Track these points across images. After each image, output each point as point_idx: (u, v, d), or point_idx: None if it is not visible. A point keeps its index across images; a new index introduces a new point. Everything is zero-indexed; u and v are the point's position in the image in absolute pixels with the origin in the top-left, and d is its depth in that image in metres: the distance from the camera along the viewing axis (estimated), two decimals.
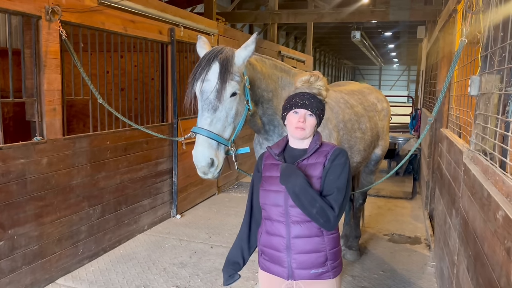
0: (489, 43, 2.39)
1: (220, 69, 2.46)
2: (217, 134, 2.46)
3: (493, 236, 1.75)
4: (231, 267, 2.33)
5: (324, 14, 10.72)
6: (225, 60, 2.48)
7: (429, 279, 4.18)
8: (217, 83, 2.45)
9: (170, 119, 5.76)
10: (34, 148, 3.65)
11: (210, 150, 2.43)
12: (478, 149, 2.44)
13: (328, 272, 2.09)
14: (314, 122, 2.08)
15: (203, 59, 2.52)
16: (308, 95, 2.07)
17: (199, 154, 2.42)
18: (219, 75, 2.45)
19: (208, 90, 2.47)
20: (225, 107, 2.49)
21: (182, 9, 6.12)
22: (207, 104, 2.48)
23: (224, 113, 2.50)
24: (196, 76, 2.50)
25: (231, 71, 2.48)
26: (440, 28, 5.85)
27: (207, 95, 2.47)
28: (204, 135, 2.43)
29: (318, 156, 2.09)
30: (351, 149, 3.69)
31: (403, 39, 28.40)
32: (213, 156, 2.43)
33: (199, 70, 2.50)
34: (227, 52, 2.53)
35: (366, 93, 4.40)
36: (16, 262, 3.56)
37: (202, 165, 2.43)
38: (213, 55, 2.50)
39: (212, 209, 6.39)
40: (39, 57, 3.68)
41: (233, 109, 2.54)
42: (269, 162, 2.20)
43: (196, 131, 2.47)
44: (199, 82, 2.49)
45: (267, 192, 2.12)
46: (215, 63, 2.48)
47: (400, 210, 6.58)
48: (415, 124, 10.94)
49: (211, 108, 2.47)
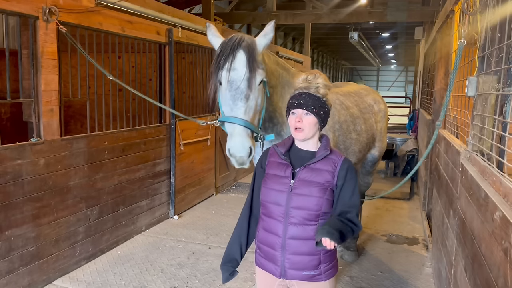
0: (486, 44, 2.40)
1: (247, 57, 2.44)
2: (251, 123, 2.46)
3: (491, 236, 1.76)
4: (230, 264, 2.30)
5: (322, 15, 10.73)
6: (250, 48, 2.47)
7: (427, 279, 4.18)
8: (246, 72, 2.43)
9: (168, 120, 5.75)
10: (31, 149, 3.63)
11: (249, 140, 2.42)
12: (476, 150, 2.44)
13: (320, 275, 2.09)
14: (313, 120, 2.06)
15: (225, 48, 2.49)
16: (304, 94, 2.06)
17: (238, 144, 2.39)
18: (247, 64, 2.44)
19: (237, 79, 2.45)
20: (254, 95, 2.49)
21: (180, 10, 6.12)
22: (239, 93, 2.46)
23: (254, 102, 2.50)
24: (221, 65, 2.47)
25: (257, 59, 2.49)
26: (438, 29, 5.86)
27: (237, 84, 2.45)
28: (242, 124, 2.42)
29: (326, 163, 2.09)
30: (347, 150, 3.70)
31: (401, 40, 28.46)
32: (251, 145, 2.43)
33: (222, 59, 2.46)
34: (249, 40, 2.52)
35: (363, 95, 4.40)
36: (13, 263, 3.55)
37: (241, 155, 2.40)
38: (235, 43, 2.48)
39: (210, 210, 6.39)
40: (37, 57, 3.66)
41: (260, 96, 2.55)
42: (273, 160, 2.19)
43: (232, 120, 2.44)
44: (224, 72, 2.47)
45: (270, 190, 2.12)
46: (240, 52, 2.46)
47: (398, 210, 6.59)
48: (413, 125, 10.94)
49: (244, 97, 2.45)
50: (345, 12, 10.43)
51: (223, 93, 2.53)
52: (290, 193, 2.06)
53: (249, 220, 2.30)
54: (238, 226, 2.33)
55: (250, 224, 2.30)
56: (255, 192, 2.28)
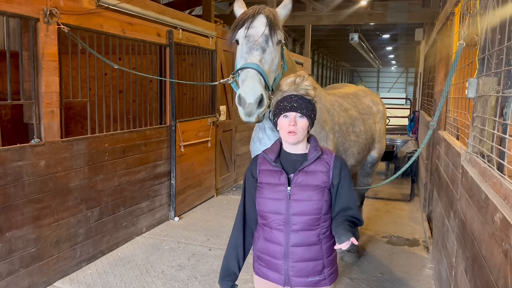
0: (487, 45, 2.40)
1: (267, 18, 2.46)
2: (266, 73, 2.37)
3: (491, 238, 1.76)
4: (229, 278, 2.20)
5: (322, 16, 10.75)
6: (270, 13, 2.50)
7: (427, 281, 4.18)
8: (265, 29, 2.43)
9: (168, 121, 5.75)
10: (31, 151, 3.64)
11: (261, 87, 2.24)
12: (476, 152, 2.44)
13: (324, 280, 2.09)
14: (306, 123, 2.04)
15: (245, 13, 2.51)
16: (296, 97, 2.02)
17: (249, 88, 2.21)
18: (266, 23, 2.45)
19: (255, 34, 2.44)
20: (271, 51, 2.45)
21: (180, 12, 6.12)
22: (256, 44, 2.41)
23: (271, 57, 2.45)
24: (239, 25, 2.48)
25: (277, 21, 2.51)
26: (438, 30, 5.87)
27: (255, 38, 2.43)
28: (255, 68, 2.30)
29: (319, 164, 2.06)
30: (346, 152, 3.69)
31: (401, 42, 28.49)
32: (263, 93, 2.24)
33: (242, 21, 2.48)
34: (270, 8, 2.55)
35: (361, 96, 4.40)
36: (13, 265, 3.55)
37: (250, 101, 2.20)
38: (256, 9, 2.51)
39: (210, 211, 6.39)
40: (37, 59, 3.67)
41: (277, 58, 2.51)
42: (265, 168, 2.13)
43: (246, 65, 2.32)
44: (243, 29, 2.46)
45: (267, 200, 2.07)
46: (260, 15, 2.48)
47: (398, 212, 6.59)
48: (413, 126, 10.95)
49: (260, 47, 2.41)
50: (345, 14, 10.45)
51: (240, 49, 2.49)
52: (289, 200, 2.02)
53: (244, 231, 2.22)
54: (232, 238, 2.24)
55: (245, 235, 2.22)
56: (247, 202, 2.20)
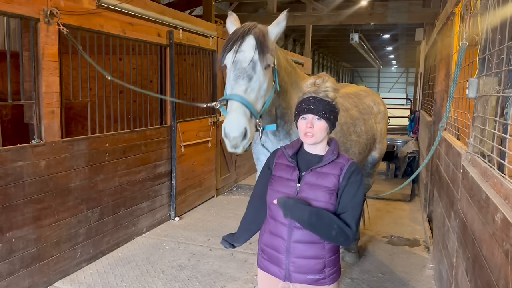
0: (487, 45, 2.40)
1: (255, 41, 2.39)
2: (251, 103, 2.33)
3: (492, 238, 1.75)
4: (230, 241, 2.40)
5: (323, 16, 10.75)
6: (260, 34, 2.42)
7: (428, 281, 4.17)
8: (253, 54, 2.37)
9: (168, 122, 5.75)
10: (32, 151, 3.64)
11: (245, 119, 2.24)
12: (477, 152, 2.44)
13: (325, 279, 2.09)
14: (323, 125, 2.03)
15: (234, 33, 2.44)
16: (314, 99, 2.03)
17: (233, 121, 2.22)
18: (254, 46, 2.38)
19: (242, 60, 2.38)
20: (259, 78, 2.39)
21: (180, 12, 6.12)
22: (242, 72, 2.37)
23: (258, 84, 2.39)
24: (228, 48, 2.42)
25: (267, 44, 2.42)
26: (438, 30, 5.87)
27: (241, 65, 2.38)
28: (239, 100, 2.28)
29: (333, 168, 2.06)
30: (347, 152, 3.69)
31: (401, 42, 28.49)
32: (247, 126, 2.24)
33: (231, 43, 2.41)
34: (261, 27, 2.48)
35: (362, 96, 4.40)
36: (14, 265, 3.55)
37: (235, 135, 2.21)
38: (246, 29, 2.43)
39: (210, 211, 6.39)
40: (38, 59, 3.67)
41: (265, 82, 2.44)
42: (281, 162, 2.18)
43: (230, 97, 2.32)
44: (231, 54, 2.41)
45: (276, 192, 2.10)
46: (249, 36, 2.41)
47: (399, 212, 6.58)
48: (414, 126, 10.95)
49: (246, 76, 2.36)
50: (345, 14, 10.44)
51: (228, 75, 2.45)
52: (296, 196, 2.04)
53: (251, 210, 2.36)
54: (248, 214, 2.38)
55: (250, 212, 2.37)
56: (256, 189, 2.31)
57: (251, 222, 2.35)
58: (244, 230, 2.38)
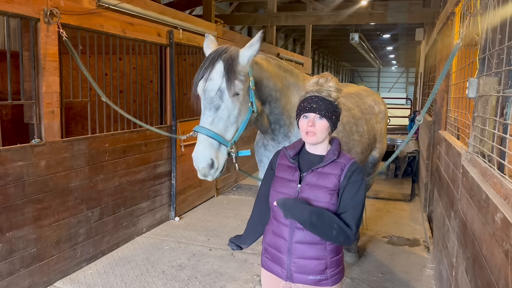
0: (487, 45, 2.40)
1: (224, 67, 2.40)
2: (218, 133, 2.39)
3: (492, 238, 1.75)
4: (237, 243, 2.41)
5: (323, 16, 10.74)
6: (229, 59, 2.42)
7: (428, 281, 4.17)
8: (221, 82, 2.39)
9: (168, 121, 5.75)
10: (32, 151, 3.64)
11: (211, 150, 2.35)
12: (477, 151, 2.44)
13: (326, 280, 2.08)
14: (325, 125, 2.03)
15: (207, 59, 2.46)
16: (316, 98, 2.03)
17: (199, 154, 2.34)
18: (223, 74, 2.39)
19: (211, 88, 2.42)
20: (227, 106, 2.42)
21: (180, 12, 6.12)
22: (209, 102, 2.41)
23: (226, 113, 2.43)
24: (199, 76, 2.45)
25: (235, 70, 2.42)
26: (438, 30, 5.87)
27: (209, 94, 2.42)
28: (204, 133, 2.36)
29: (334, 168, 2.05)
30: (350, 152, 3.69)
31: (402, 41, 28.47)
32: (213, 157, 2.35)
33: (203, 70, 2.44)
34: (232, 51, 2.48)
35: (363, 96, 4.40)
36: (14, 265, 3.55)
37: (202, 166, 2.35)
38: (217, 54, 2.45)
39: (210, 211, 6.39)
40: (38, 59, 3.67)
41: (236, 109, 2.46)
42: (283, 163, 2.18)
43: (197, 129, 2.40)
44: (202, 81, 2.43)
45: (277, 193, 2.11)
46: (219, 62, 2.42)
47: (399, 212, 6.58)
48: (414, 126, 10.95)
49: (213, 106, 2.41)
50: (345, 14, 10.43)
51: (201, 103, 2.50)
52: (297, 197, 2.04)
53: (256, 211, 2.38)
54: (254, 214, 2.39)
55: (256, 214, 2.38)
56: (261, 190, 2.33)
57: (257, 223, 2.36)
58: (250, 232, 2.39)
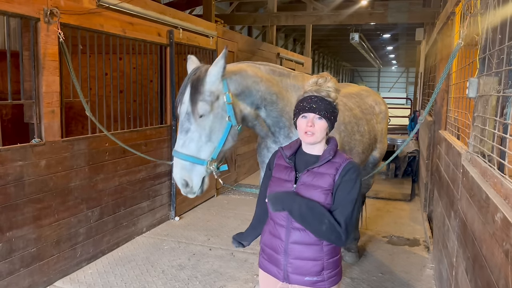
0: (487, 45, 2.40)
1: (190, 90, 2.49)
2: (189, 155, 2.48)
3: (492, 238, 1.75)
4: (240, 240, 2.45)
5: (323, 16, 10.73)
6: (195, 81, 2.49)
7: (428, 281, 4.17)
8: (187, 105, 2.49)
9: (168, 121, 5.75)
10: (32, 150, 3.64)
11: (182, 172, 2.49)
12: (477, 151, 2.44)
13: (323, 282, 2.06)
14: (324, 125, 2.03)
15: (183, 82, 2.57)
16: (316, 98, 2.02)
17: (174, 175, 2.53)
18: (189, 97, 2.48)
19: (182, 112, 2.53)
20: (197, 128, 2.49)
21: (181, 11, 6.12)
22: (181, 125, 2.53)
23: (197, 134, 2.50)
24: (177, 100, 2.58)
25: (200, 91, 2.47)
26: (438, 30, 5.86)
27: (181, 117, 2.54)
28: (175, 156, 2.51)
29: (329, 167, 2.04)
30: (351, 151, 3.69)
31: (402, 41, 28.46)
32: (186, 178, 2.49)
33: (179, 93, 2.57)
34: (200, 72, 2.52)
35: (364, 96, 4.40)
36: (14, 264, 3.55)
37: (179, 186, 2.53)
38: (189, 77, 2.54)
39: (210, 211, 6.39)
40: (38, 59, 3.67)
41: (206, 128, 2.51)
42: (279, 163, 2.20)
43: (173, 153, 2.56)
44: (179, 105, 2.56)
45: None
46: (188, 85, 2.51)
47: (399, 212, 6.58)
48: (414, 126, 10.95)
49: (183, 130, 2.51)
50: (345, 14, 10.42)
51: None
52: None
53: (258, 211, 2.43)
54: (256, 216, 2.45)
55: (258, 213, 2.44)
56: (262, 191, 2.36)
57: (258, 222, 2.41)
58: (251, 230, 2.45)
